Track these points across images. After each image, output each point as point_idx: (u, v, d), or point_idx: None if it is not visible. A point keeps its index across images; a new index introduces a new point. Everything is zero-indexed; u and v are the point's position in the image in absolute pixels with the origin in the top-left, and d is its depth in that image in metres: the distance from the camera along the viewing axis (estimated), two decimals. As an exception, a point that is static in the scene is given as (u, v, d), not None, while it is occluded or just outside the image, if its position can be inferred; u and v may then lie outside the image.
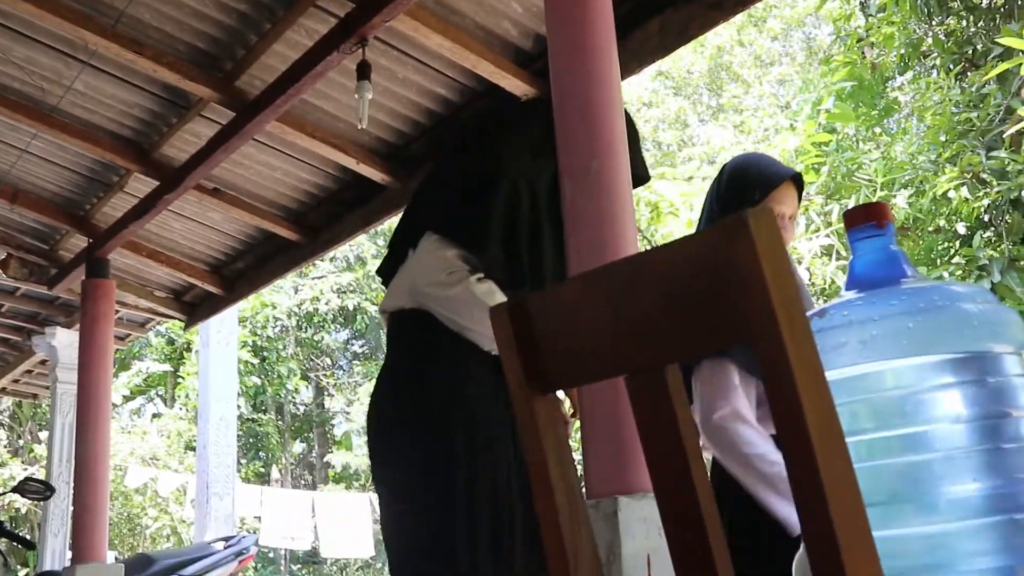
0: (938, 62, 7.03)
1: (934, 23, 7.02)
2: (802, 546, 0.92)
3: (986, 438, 1.12)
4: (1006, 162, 6.01)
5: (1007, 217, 6.20)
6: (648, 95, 17.19)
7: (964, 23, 6.89)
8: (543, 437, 1.07)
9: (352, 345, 20.80)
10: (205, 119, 4.25)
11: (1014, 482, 1.12)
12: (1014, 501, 1.12)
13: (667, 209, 5.45)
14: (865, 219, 1.22)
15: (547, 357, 1.06)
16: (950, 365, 1.14)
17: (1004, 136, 6.22)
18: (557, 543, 1.05)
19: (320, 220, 4.94)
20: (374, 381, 2.49)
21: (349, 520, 12.40)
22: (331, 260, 18.09)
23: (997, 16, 6.71)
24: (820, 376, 0.80)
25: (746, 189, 2.02)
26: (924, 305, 1.14)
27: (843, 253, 6.04)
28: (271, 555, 16.92)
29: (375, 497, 13.56)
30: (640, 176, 2.18)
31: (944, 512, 1.10)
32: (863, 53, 7.88)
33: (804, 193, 5.86)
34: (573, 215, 1.86)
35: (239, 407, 15.06)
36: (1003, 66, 5.10)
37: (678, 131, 16.70)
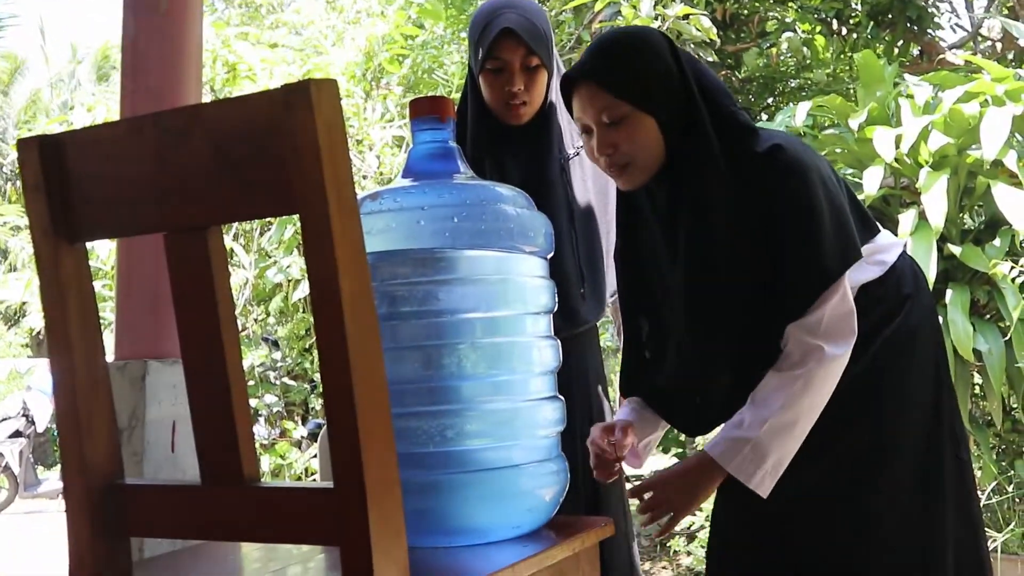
0: (525, -19, 7.43)
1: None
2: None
3: (506, 331, 1.22)
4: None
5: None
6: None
7: (552, -51, 7.33)
8: (66, 290, 0.98)
9: None
10: None
11: (521, 372, 1.24)
12: (520, 388, 1.24)
13: (245, 72, 5.22)
14: (429, 111, 1.26)
15: (80, 204, 0.97)
16: (486, 260, 1.22)
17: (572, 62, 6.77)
18: (70, 405, 0.98)
19: None
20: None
21: None
22: None
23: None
24: (361, 255, 0.81)
25: (473, 47, 1.87)
26: (470, 201, 1.20)
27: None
28: None
29: None
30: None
31: (458, 396, 1.18)
32: (460, -45, 8.10)
33: (388, 81, 5.86)
34: (133, 55, 1.70)
35: None
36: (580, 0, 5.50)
37: (270, -5, 16.02)
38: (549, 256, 1.34)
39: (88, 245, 0.97)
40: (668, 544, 4.04)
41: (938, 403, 1.59)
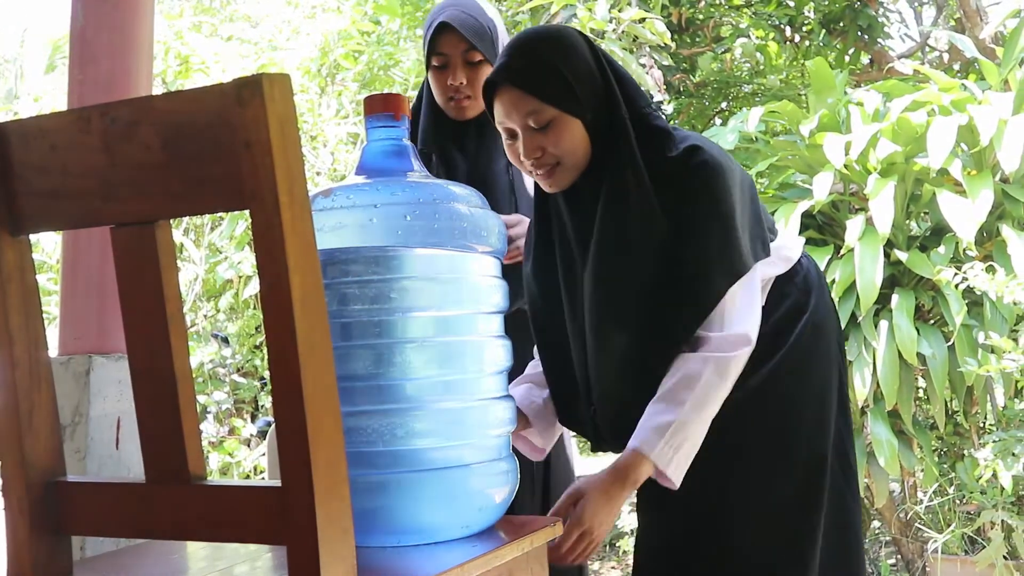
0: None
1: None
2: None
3: (457, 330, 1.22)
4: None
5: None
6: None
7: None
8: (8, 283, 0.96)
9: None
10: None
11: (472, 371, 1.23)
12: (471, 388, 1.23)
13: (197, 65, 5.15)
14: (383, 108, 1.25)
15: (24, 195, 0.95)
16: (438, 259, 1.22)
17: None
18: (11, 401, 0.96)
19: None
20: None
21: None
22: None
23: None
24: (312, 252, 0.81)
25: (423, 46, 1.90)
26: (423, 200, 1.20)
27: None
28: None
29: None
30: None
31: (408, 395, 1.18)
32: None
33: (343, 77, 5.82)
34: (81, 44, 1.67)
35: None
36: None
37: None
38: (503, 256, 1.34)
39: (32, 237, 0.95)
40: (617, 544, 4.06)
41: (841, 391, 1.64)
